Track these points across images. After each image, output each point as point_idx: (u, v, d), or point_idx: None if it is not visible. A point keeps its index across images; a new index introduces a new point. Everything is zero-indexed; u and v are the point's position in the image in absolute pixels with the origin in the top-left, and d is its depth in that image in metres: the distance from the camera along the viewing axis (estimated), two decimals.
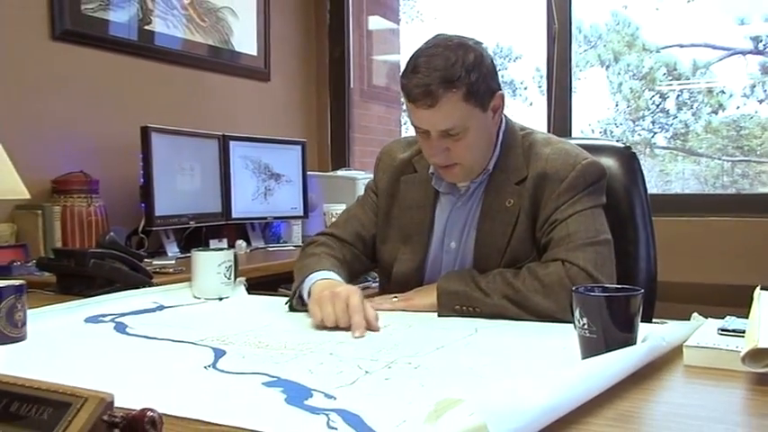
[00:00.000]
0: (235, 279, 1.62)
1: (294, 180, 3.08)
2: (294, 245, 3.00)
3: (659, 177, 3.49)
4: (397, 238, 1.58)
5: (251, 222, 3.00)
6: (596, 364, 0.87)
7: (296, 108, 3.60)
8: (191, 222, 2.66)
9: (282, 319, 1.38)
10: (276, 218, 3.06)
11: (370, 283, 2.28)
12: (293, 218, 3.10)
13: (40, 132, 2.41)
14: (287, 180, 3.06)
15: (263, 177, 2.98)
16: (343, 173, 3.23)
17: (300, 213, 3.09)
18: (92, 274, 1.64)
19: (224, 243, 2.77)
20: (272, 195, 3.00)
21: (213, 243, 2.73)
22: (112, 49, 2.64)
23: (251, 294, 1.66)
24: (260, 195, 2.96)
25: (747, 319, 1.01)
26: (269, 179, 3.00)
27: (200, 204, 2.70)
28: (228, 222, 2.84)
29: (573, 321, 0.99)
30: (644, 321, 0.99)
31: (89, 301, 1.50)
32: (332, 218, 2.55)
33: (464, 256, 1.51)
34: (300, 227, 3.12)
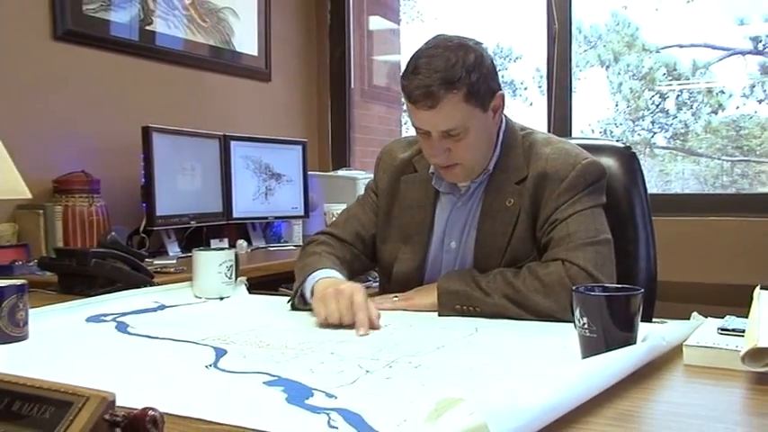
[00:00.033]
0: (236, 279, 1.62)
1: (295, 180, 3.08)
2: (295, 245, 3.00)
3: (659, 177, 3.48)
4: (397, 238, 1.58)
5: (252, 222, 3.00)
6: (596, 363, 0.87)
7: (297, 108, 3.60)
8: (192, 222, 2.66)
9: (283, 319, 1.39)
10: (277, 218, 3.06)
11: (371, 282, 2.28)
12: (294, 218, 3.11)
13: (41, 132, 2.41)
14: (288, 180, 3.06)
15: (263, 177, 2.98)
16: (343, 173, 3.23)
17: (301, 213, 3.09)
18: (93, 274, 1.64)
19: (225, 243, 2.77)
20: (272, 195, 3.00)
21: (214, 243, 2.73)
22: (114, 49, 2.64)
23: (252, 294, 1.67)
24: (261, 195, 2.97)
25: (747, 318, 1.01)
26: (270, 179, 3.00)
27: (201, 204, 2.70)
28: (229, 222, 2.85)
29: (573, 321, 0.99)
30: (644, 321, 0.99)
31: (90, 300, 1.51)
32: (332, 218, 2.55)
33: (464, 255, 1.52)
34: (301, 227, 3.13)
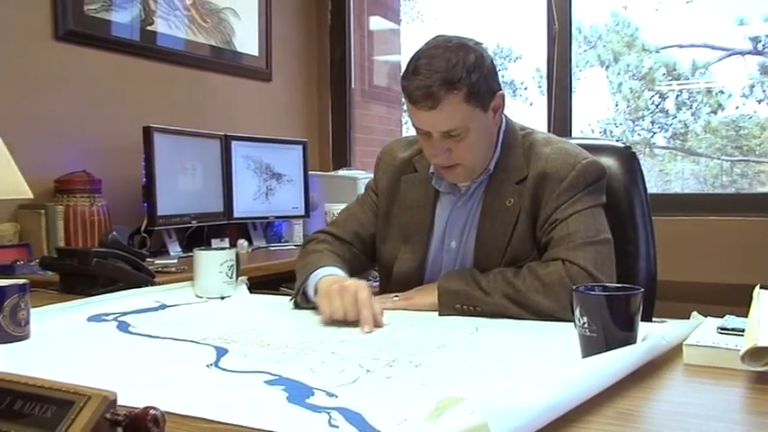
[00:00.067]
0: (237, 278, 1.63)
1: (295, 180, 3.08)
2: (295, 244, 3.00)
3: (659, 177, 3.48)
4: (397, 238, 1.58)
5: (252, 222, 3.00)
6: (596, 362, 0.87)
7: (297, 108, 3.60)
8: (193, 222, 2.67)
9: (284, 318, 1.39)
10: (277, 217, 3.07)
11: (371, 282, 2.28)
12: (295, 217, 3.11)
13: (43, 132, 2.41)
14: (288, 180, 3.06)
15: (264, 177, 2.98)
16: (344, 172, 3.23)
17: (302, 213, 3.10)
18: (94, 274, 1.65)
19: (226, 242, 2.78)
20: (273, 195, 3.01)
21: (215, 242, 2.73)
22: (115, 49, 2.65)
23: (253, 293, 1.67)
24: (261, 195, 2.97)
25: (747, 317, 1.02)
26: (270, 179, 3.00)
27: (202, 204, 2.70)
28: (230, 222, 2.85)
29: (573, 320, 0.99)
30: (644, 320, 0.99)
31: (92, 300, 1.51)
32: (333, 217, 2.55)
33: (464, 255, 1.52)
34: (302, 226, 3.13)
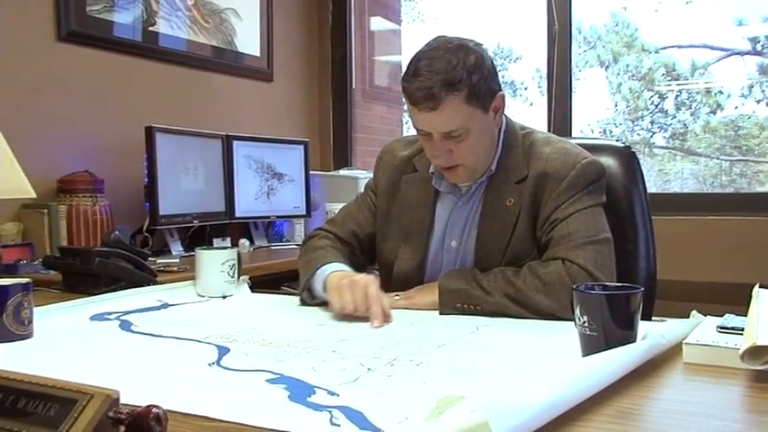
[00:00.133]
0: (238, 277, 1.63)
1: (297, 179, 3.09)
2: (296, 244, 3.00)
3: (658, 177, 3.49)
4: (397, 237, 1.59)
5: (254, 221, 3.01)
6: (596, 361, 0.87)
7: (298, 108, 3.61)
8: (194, 221, 2.67)
9: (286, 317, 1.39)
10: (279, 217, 3.07)
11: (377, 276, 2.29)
12: (296, 217, 3.12)
13: (45, 132, 2.42)
14: (290, 179, 3.07)
15: (266, 177, 2.99)
16: (345, 172, 3.24)
17: (303, 212, 3.10)
18: (97, 273, 1.65)
19: (227, 242, 2.78)
20: (274, 195, 3.01)
21: (217, 242, 2.74)
22: (117, 49, 2.65)
23: (254, 292, 1.67)
24: (263, 195, 2.97)
25: (746, 316, 1.02)
26: (272, 179, 3.01)
27: (203, 204, 2.71)
28: (232, 221, 2.86)
29: (573, 319, 1.00)
30: (644, 319, 0.99)
31: (94, 299, 1.51)
32: None
33: (465, 254, 1.52)
34: (303, 226, 3.13)
